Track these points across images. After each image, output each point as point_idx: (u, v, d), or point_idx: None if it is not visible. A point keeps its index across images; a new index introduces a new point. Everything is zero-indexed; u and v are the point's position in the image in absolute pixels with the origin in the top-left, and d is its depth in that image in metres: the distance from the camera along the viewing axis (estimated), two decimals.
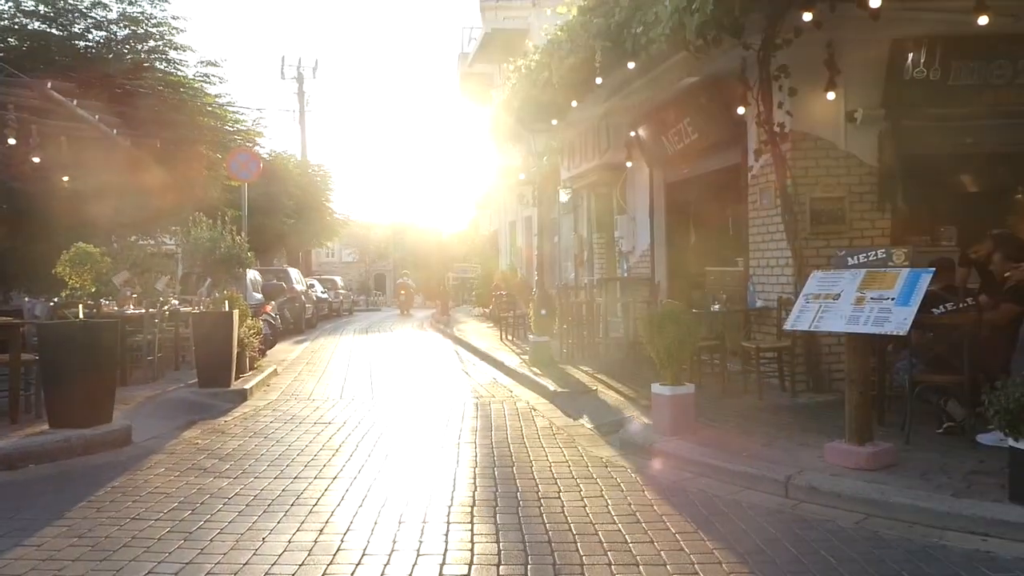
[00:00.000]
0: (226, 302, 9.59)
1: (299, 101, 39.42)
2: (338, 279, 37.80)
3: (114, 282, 10.92)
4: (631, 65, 9.09)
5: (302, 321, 24.40)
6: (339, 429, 7.96)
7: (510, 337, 17.24)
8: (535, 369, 11.69)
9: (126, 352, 9.90)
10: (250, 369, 11.42)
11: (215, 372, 9.47)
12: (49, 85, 9.91)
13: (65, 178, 13.43)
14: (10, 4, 14.22)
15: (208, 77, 15.45)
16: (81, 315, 7.18)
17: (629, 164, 13.11)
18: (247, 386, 9.90)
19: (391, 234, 63.93)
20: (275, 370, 12.54)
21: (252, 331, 11.13)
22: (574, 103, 11.63)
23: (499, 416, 8.74)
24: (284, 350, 16.81)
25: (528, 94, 11.86)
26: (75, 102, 11.00)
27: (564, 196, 17.05)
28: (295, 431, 7.86)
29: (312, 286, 29.13)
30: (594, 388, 9.65)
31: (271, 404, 9.46)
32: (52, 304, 9.32)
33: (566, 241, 18.85)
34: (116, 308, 10.20)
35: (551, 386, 9.92)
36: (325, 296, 31.94)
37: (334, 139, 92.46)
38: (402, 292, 40.00)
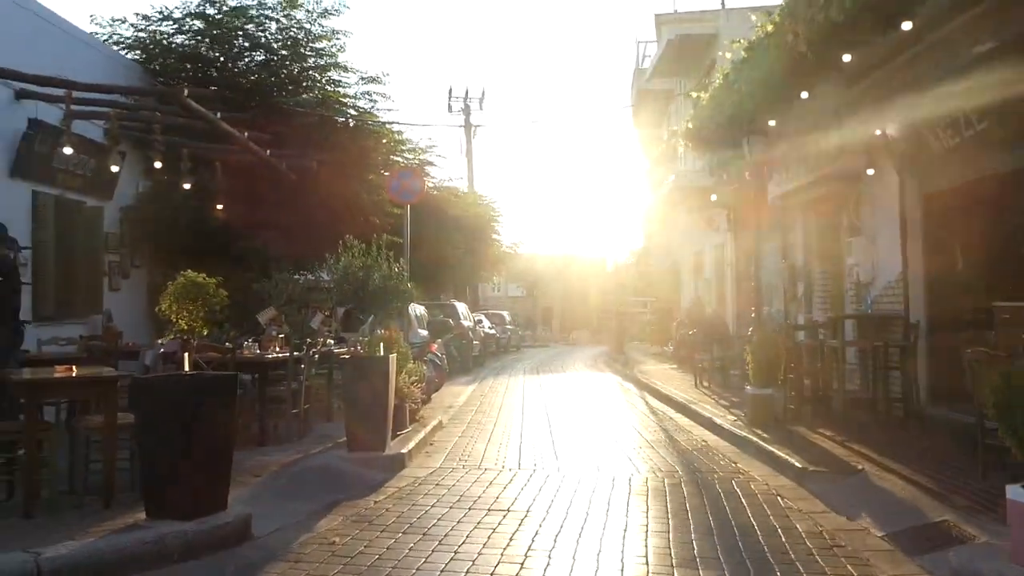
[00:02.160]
0: (380, 344, 7.79)
1: (466, 133, 38.59)
2: (505, 314, 36.34)
3: (259, 320, 9.49)
4: (906, 26, 6.69)
5: (469, 359, 22.87)
6: (522, 522, 5.87)
7: (705, 384, 14.73)
8: (758, 431, 9.20)
9: (267, 405, 8.34)
10: (411, 422, 9.64)
11: (367, 432, 7.68)
12: (186, 92, 8.61)
13: (219, 206, 12.37)
14: (172, 25, 13.48)
15: (371, 95, 14.13)
16: (189, 366, 5.51)
17: (871, 172, 10.42)
18: (405, 449, 8.04)
19: (558, 266, 62.39)
20: (440, 422, 10.71)
21: (413, 378, 9.34)
22: (804, 94, 9.23)
23: (735, 506, 6.37)
24: (451, 393, 15.09)
25: (745, 89, 9.55)
26: (219, 115, 9.76)
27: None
28: (464, 523, 5.83)
29: (480, 321, 27.68)
30: (859, 467, 7.07)
31: (434, 474, 7.54)
32: (161, 348, 7.86)
33: (768, 272, 16.13)
34: (259, 350, 8.67)
35: (795, 460, 7.43)
36: (492, 332, 30.45)
37: (500, 170, 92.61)
38: None
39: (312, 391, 9.36)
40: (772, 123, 10.42)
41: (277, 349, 8.93)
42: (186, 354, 5.54)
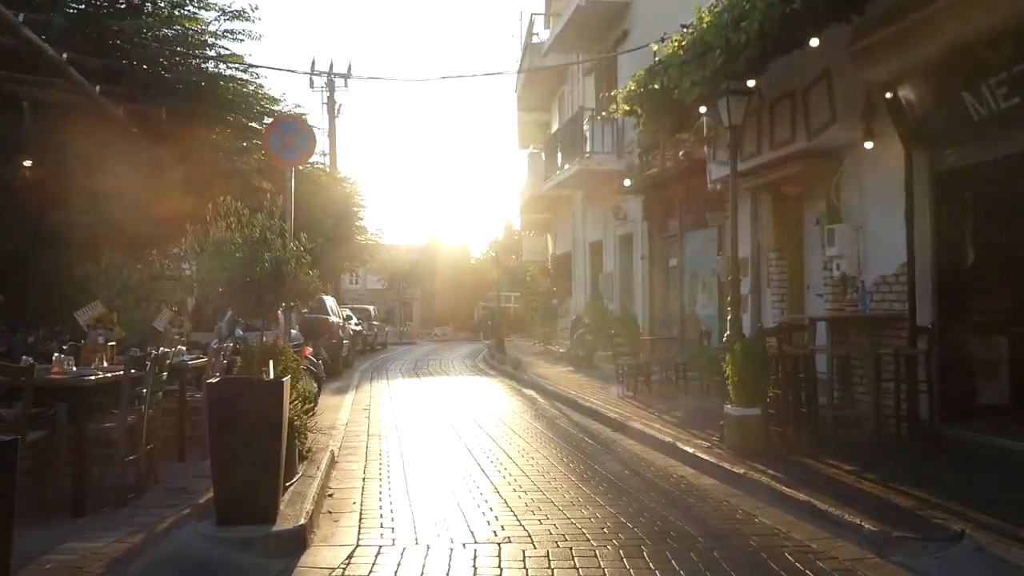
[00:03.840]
0: (271, 362, 5.14)
1: (328, 110, 35.24)
2: (372, 309, 33.43)
3: (79, 320, 6.60)
4: None
5: (339, 361, 20.05)
6: None
7: (629, 392, 12.79)
8: (755, 464, 7.21)
9: (86, 449, 5.48)
10: (299, 460, 6.99)
11: (248, 496, 5.02)
12: None
13: (27, 162, 9.19)
14: None
15: (236, 34, 11.16)
16: None
17: (869, 145, 8.67)
18: (303, 514, 5.40)
19: (420, 257, 59.74)
20: (332, 454, 8.09)
21: (304, 402, 6.71)
22: (813, 41, 7.39)
23: None
24: (329, 406, 12.40)
25: (741, 35, 7.53)
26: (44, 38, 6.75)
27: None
28: None
29: (349, 318, 24.80)
30: (956, 528, 5.13)
31: (354, 563, 4.97)
32: None
33: (700, 265, 14.39)
34: (74, 366, 5.79)
35: (854, 517, 5.41)
36: (359, 329, 27.55)
37: (363, 152, 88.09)
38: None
39: (157, 419, 6.53)
40: (751, 83, 8.51)
41: (104, 363, 6.08)
42: None
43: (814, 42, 7.42)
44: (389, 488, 7.10)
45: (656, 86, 9.01)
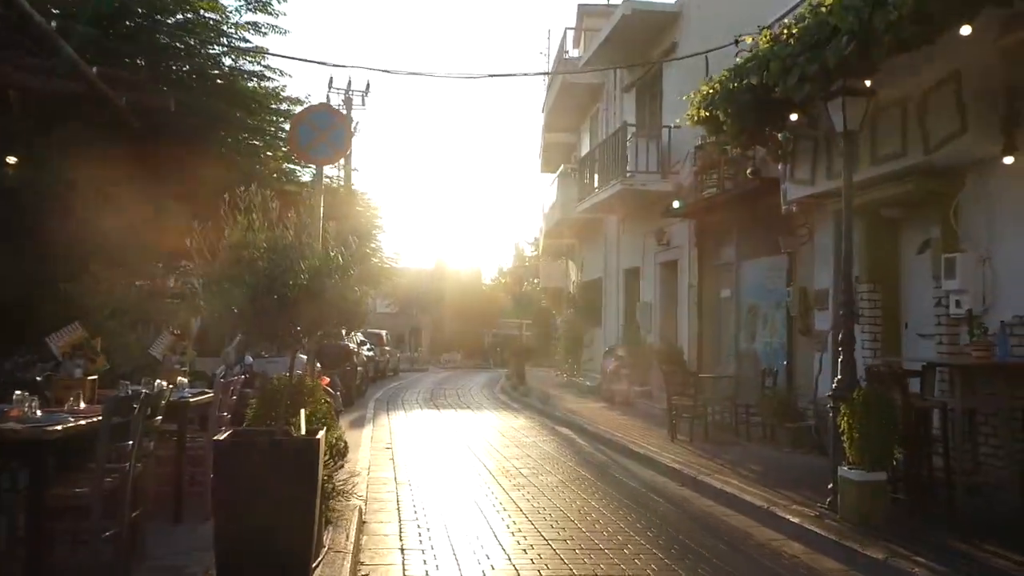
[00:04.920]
0: (302, 411, 3.73)
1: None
2: (384, 334, 32.01)
3: (153, 354, 5.27)
4: None
5: (352, 388, 18.64)
6: None
7: (682, 437, 11.36)
8: (897, 547, 5.75)
9: (47, 523, 4.07)
10: (324, 527, 5.55)
11: None
12: None
13: (10, 159, 7.88)
14: None
15: (260, 27, 9.89)
16: None
17: (1009, 160, 7.28)
18: None
19: (429, 281, 58.46)
20: (359, 512, 6.67)
21: (335, 457, 5.31)
22: (965, 29, 6.07)
23: None
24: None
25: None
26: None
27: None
28: None
29: (363, 343, 23.43)
30: None
31: None
32: None
33: (755, 295, 12.98)
34: (37, 410, 4.39)
35: None
36: (371, 355, 26.16)
37: (376, 173, 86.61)
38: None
39: (147, 474, 5.12)
40: (868, 82, 7.17)
41: (81, 403, 4.68)
42: None
43: (965, 30, 6.07)
44: (436, 563, 5.67)
45: (753, 81, 7.66)
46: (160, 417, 4.76)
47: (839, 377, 7.05)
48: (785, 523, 6.80)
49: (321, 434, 3.89)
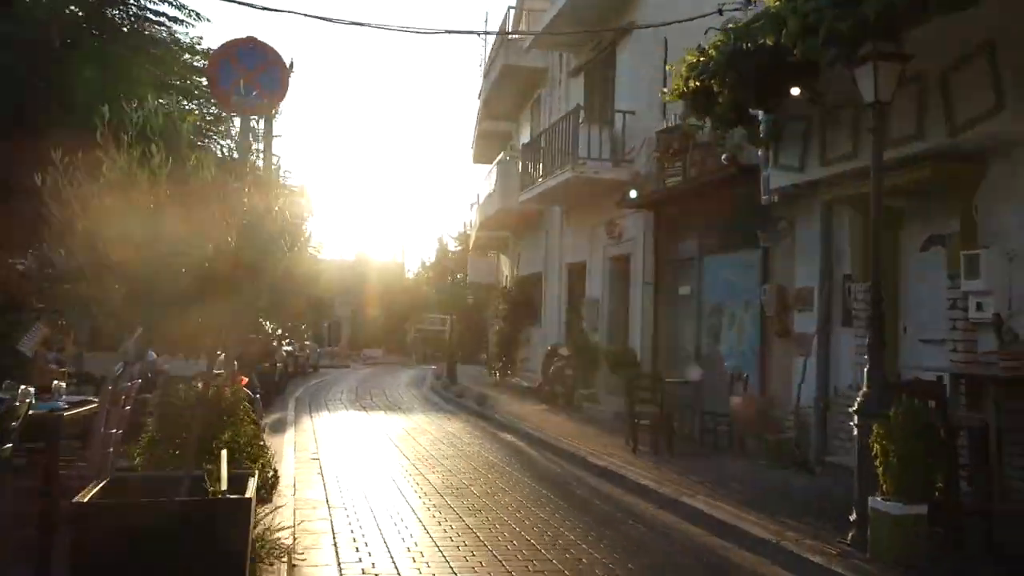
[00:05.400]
0: (223, 453, 2.40)
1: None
2: (303, 327, 30.06)
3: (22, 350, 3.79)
4: None
5: (272, 387, 17.00)
6: None
7: (644, 448, 10.29)
8: None
9: None
10: None
11: None
12: None
13: None
14: None
15: None
16: None
17: None
18: None
19: (349, 274, 56.58)
20: (290, 558, 5.27)
21: (264, 499, 3.93)
22: None
23: None
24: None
25: None
26: None
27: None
28: None
29: (283, 338, 21.68)
30: None
31: None
32: None
33: (720, 295, 12.00)
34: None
35: None
36: (290, 349, 24.38)
37: (298, 160, 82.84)
38: None
39: None
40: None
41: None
42: None
43: None
44: None
45: (768, 41, 6.53)
46: (9, 446, 3.29)
47: (865, 390, 6.01)
48: (804, 563, 5.72)
49: (252, 486, 2.55)
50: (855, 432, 6.02)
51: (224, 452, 2.63)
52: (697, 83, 7.86)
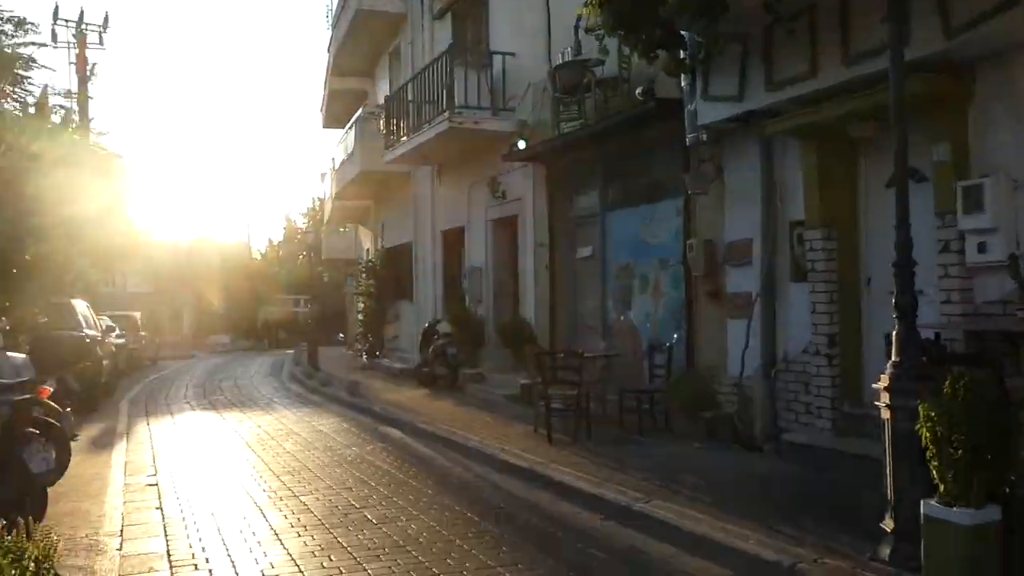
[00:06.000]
0: None
1: (79, 69, 28.31)
2: (138, 316, 26.73)
3: None
4: None
5: (96, 388, 14.25)
6: None
7: (564, 437, 8.73)
8: None
9: None
10: None
11: None
12: None
13: None
14: None
15: None
16: None
17: None
18: None
19: (189, 257, 52.46)
20: None
21: None
22: None
23: None
24: (81, 481, 7.33)
25: None
26: None
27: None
28: None
29: (112, 329, 18.73)
30: None
31: None
32: None
33: (629, 253, 10.56)
34: None
35: None
36: (122, 342, 21.27)
37: (123, 131, 75.36)
38: None
39: None
40: None
41: None
42: None
43: None
44: None
45: None
46: None
47: (896, 359, 4.60)
48: None
49: None
50: (885, 415, 4.61)
51: None
52: None
